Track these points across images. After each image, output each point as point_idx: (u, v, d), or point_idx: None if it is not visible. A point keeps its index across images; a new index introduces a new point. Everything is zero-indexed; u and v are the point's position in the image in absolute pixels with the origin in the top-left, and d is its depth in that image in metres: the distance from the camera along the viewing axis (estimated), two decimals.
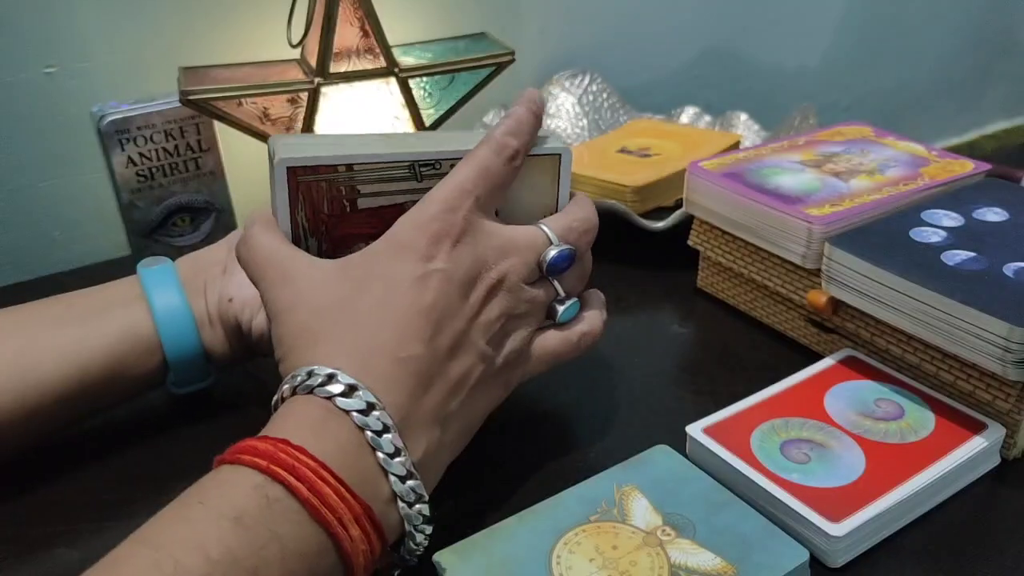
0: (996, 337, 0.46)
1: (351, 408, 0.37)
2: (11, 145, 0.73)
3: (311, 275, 0.42)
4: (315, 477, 0.35)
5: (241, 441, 0.37)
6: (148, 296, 0.50)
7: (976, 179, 0.64)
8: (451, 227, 0.42)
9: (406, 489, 0.38)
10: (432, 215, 0.42)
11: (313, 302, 0.41)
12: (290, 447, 0.35)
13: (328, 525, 0.35)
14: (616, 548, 0.42)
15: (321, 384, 0.38)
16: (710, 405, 0.51)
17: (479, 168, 0.44)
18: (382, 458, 0.37)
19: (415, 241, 0.41)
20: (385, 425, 0.38)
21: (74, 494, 0.49)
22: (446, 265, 0.41)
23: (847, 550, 0.43)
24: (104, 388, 0.49)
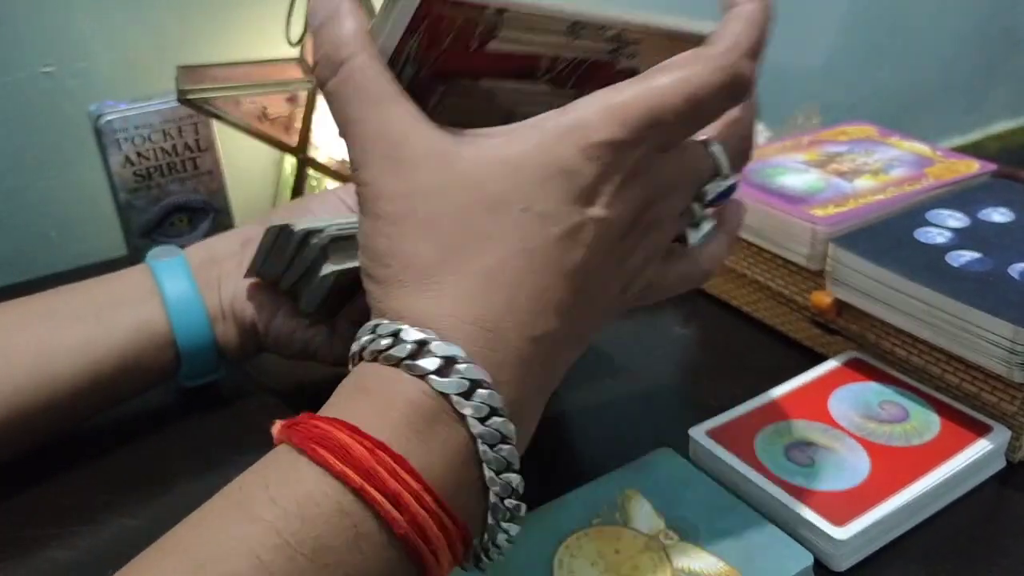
0: (1001, 339, 0.46)
1: (469, 414, 0.30)
2: (8, 145, 0.73)
3: (434, 168, 0.32)
4: (417, 506, 0.28)
5: (322, 420, 0.29)
6: (162, 291, 0.50)
7: (981, 179, 0.63)
8: (625, 163, 0.32)
9: (503, 508, 0.31)
10: (608, 141, 0.31)
11: (435, 221, 0.31)
12: (389, 456, 0.28)
13: (421, 557, 0.29)
14: (619, 552, 0.41)
15: (437, 371, 0.30)
16: (713, 407, 0.51)
17: (690, 97, 0.32)
18: (489, 476, 0.30)
19: (578, 169, 0.31)
20: (504, 436, 0.31)
21: (68, 494, 0.48)
22: (607, 213, 0.32)
23: (851, 554, 0.43)
24: (118, 382, 0.49)
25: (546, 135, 0.32)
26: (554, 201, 0.31)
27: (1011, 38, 1.42)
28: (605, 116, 0.31)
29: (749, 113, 0.38)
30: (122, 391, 0.50)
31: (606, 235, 0.33)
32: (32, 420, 0.46)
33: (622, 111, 0.31)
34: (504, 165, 0.32)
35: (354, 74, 0.32)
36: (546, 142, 0.31)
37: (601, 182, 0.32)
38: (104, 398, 0.50)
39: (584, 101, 0.32)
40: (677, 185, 0.35)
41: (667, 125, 0.32)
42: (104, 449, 0.51)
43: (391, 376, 0.30)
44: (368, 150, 0.32)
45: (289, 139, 0.67)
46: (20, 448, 0.48)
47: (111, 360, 0.48)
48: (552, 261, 0.32)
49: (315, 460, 0.28)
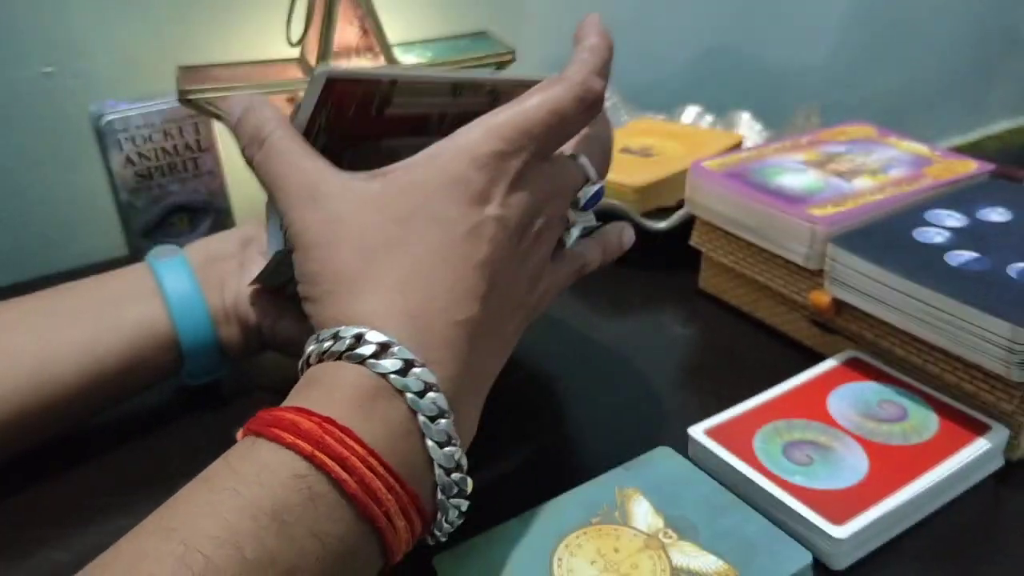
0: (1000, 338, 0.46)
1: (407, 389, 0.34)
2: (8, 144, 0.73)
3: (347, 200, 0.37)
4: (364, 468, 0.31)
5: (275, 410, 0.33)
6: (163, 290, 0.50)
7: (980, 179, 0.63)
8: (509, 169, 0.37)
9: (449, 481, 0.35)
10: (492, 152, 0.37)
11: (354, 239, 0.36)
12: (336, 427, 0.32)
13: (374, 520, 0.32)
14: (618, 551, 0.41)
15: (374, 356, 0.34)
16: (712, 407, 0.51)
17: (553, 111, 0.38)
18: (431, 446, 0.34)
19: (470, 178, 0.37)
20: (440, 409, 0.34)
21: (67, 495, 0.48)
22: (502, 211, 0.37)
23: (850, 553, 0.43)
24: (120, 382, 0.49)
25: (440, 157, 0.37)
26: (455, 206, 0.36)
27: (1010, 38, 1.42)
28: (487, 133, 0.37)
29: (605, 127, 0.45)
30: (124, 390, 0.50)
31: (505, 230, 0.38)
32: (33, 420, 0.46)
33: (500, 128, 0.37)
34: (409, 185, 0.37)
35: (275, 144, 0.39)
36: (441, 161, 0.37)
37: (492, 186, 0.37)
38: (106, 397, 0.50)
39: (469, 126, 0.38)
40: (556, 192, 0.41)
41: (538, 135, 0.38)
42: (104, 449, 0.51)
43: (334, 367, 0.34)
44: (291, 196, 0.38)
45: None
46: (21, 447, 0.48)
47: (113, 360, 0.48)
48: (463, 255, 0.36)
49: (269, 437, 0.32)
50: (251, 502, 0.30)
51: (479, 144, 0.37)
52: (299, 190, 0.38)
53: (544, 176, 0.40)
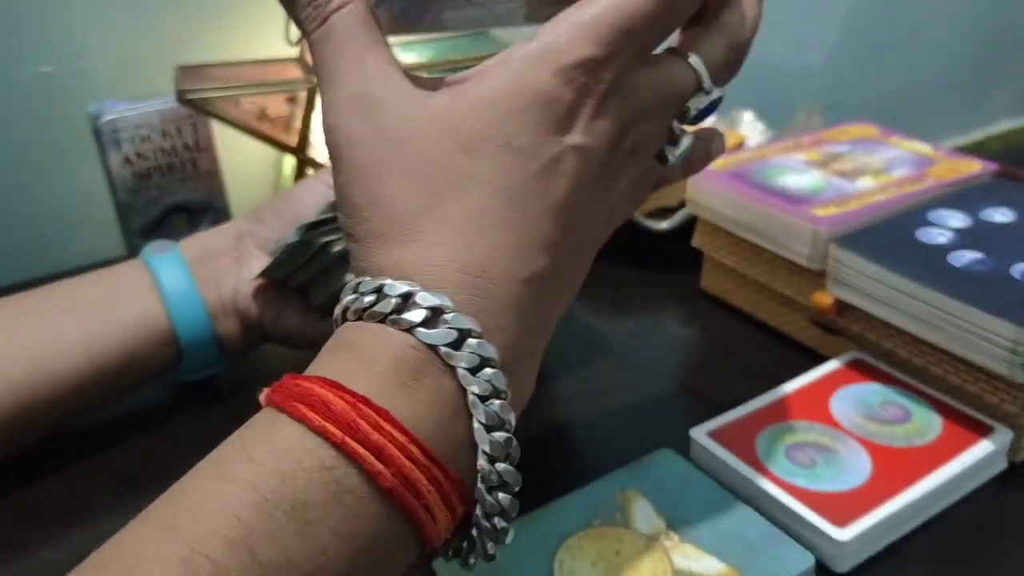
0: (1003, 339, 0.45)
1: (458, 364, 0.29)
2: (7, 145, 0.73)
3: (408, 113, 0.31)
4: (403, 457, 0.27)
5: (306, 378, 0.29)
6: (160, 287, 0.50)
7: (983, 179, 0.63)
8: (600, 82, 0.31)
9: (492, 471, 0.29)
10: (582, 60, 0.30)
11: (412, 166, 0.30)
12: (372, 410, 0.27)
13: (413, 513, 0.28)
14: (619, 553, 0.41)
15: (423, 323, 0.29)
16: (714, 408, 0.51)
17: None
18: (477, 428, 0.29)
19: (553, 96, 0.30)
20: (496, 390, 0.29)
21: (65, 494, 0.48)
22: (585, 140, 0.31)
23: (853, 555, 0.42)
24: (118, 378, 0.49)
25: (516, 66, 0.31)
26: (531, 133, 0.30)
27: (1013, 38, 1.42)
28: (575, 35, 0.30)
29: (735, 18, 0.35)
30: (121, 387, 0.50)
31: (587, 163, 0.32)
32: (30, 417, 0.46)
33: (592, 27, 0.30)
34: (478, 103, 0.31)
35: (338, 22, 0.32)
36: (517, 73, 0.31)
37: (578, 106, 0.31)
38: (104, 394, 0.49)
39: (551, 24, 0.31)
40: (657, 103, 0.33)
41: (639, 32, 0.31)
42: (102, 448, 0.51)
43: (375, 332, 0.29)
44: (340, 95, 0.31)
45: (288, 139, 0.67)
46: (19, 445, 0.47)
47: (111, 356, 0.48)
48: (535, 197, 0.31)
49: (294, 417, 0.27)
50: (268, 498, 0.26)
51: (565, 50, 0.30)
52: (349, 86, 0.31)
53: (643, 86, 0.33)
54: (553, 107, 0.30)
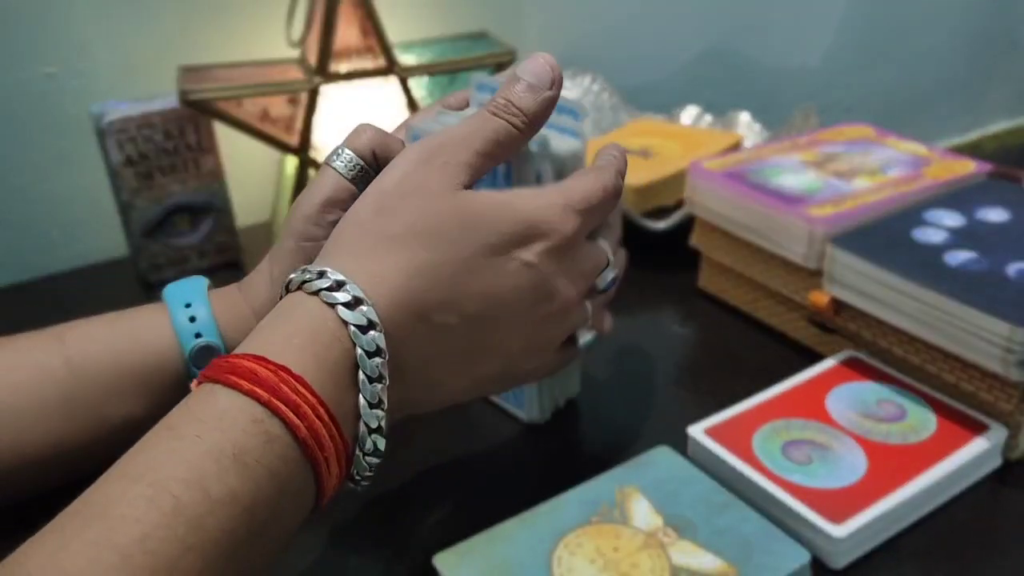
0: (998, 338, 0.46)
1: (360, 345, 0.36)
2: (11, 145, 0.73)
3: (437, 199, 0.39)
4: (313, 415, 0.33)
5: (233, 356, 0.35)
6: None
7: (978, 179, 0.64)
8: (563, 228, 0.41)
9: (369, 441, 0.36)
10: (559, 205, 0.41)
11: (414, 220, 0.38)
12: (290, 376, 0.34)
13: (316, 463, 0.34)
14: (617, 550, 0.41)
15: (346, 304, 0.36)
16: (711, 406, 0.51)
17: (603, 190, 0.43)
18: (362, 403, 0.36)
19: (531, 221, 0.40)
20: (379, 348, 0.36)
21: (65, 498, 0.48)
22: (533, 260, 0.40)
23: (849, 551, 0.43)
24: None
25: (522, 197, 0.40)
26: (499, 238, 0.39)
27: (1008, 39, 1.43)
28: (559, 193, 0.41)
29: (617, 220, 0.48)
30: None
31: (527, 282, 0.40)
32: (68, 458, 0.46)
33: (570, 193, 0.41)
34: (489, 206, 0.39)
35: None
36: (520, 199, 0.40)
37: (540, 237, 0.40)
38: None
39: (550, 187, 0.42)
40: (586, 271, 0.43)
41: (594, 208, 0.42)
42: None
43: (306, 303, 0.36)
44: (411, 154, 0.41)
45: (290, 139, 0.68)
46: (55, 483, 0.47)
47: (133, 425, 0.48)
48: (479, 279, 0.38)
49: (228, 385, 0.33)
50: (214, 446, 0.32)
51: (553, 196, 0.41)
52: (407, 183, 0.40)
53: (582, 253, 0.43)
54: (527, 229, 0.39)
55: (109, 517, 0.30)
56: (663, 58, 1.08)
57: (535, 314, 0.41)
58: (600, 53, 1.01)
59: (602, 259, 0.45)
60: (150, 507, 0.30)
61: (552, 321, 0.42)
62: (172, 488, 0.30)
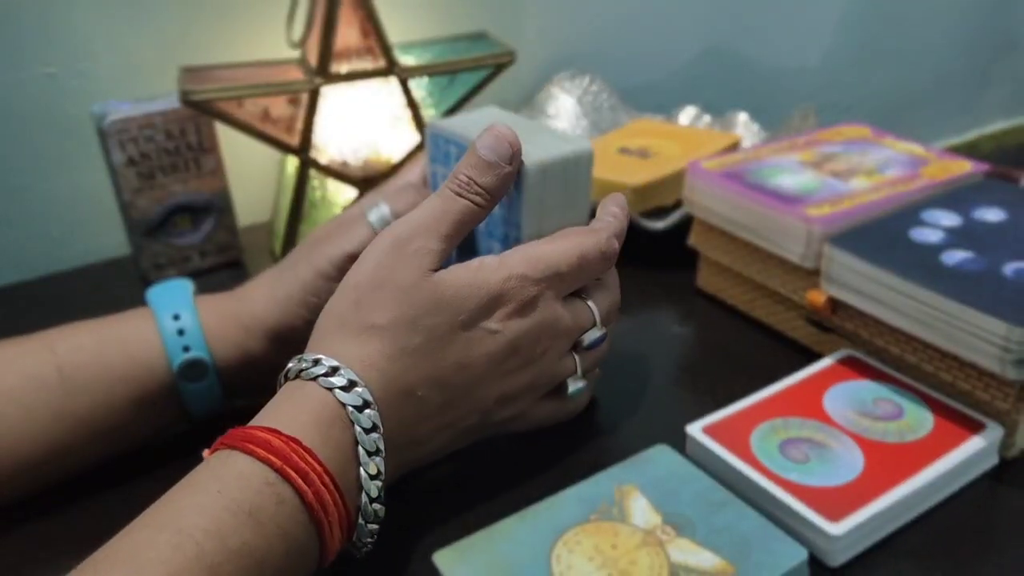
0: (995, 337, 0.46)
1: (358, 423, 0.39)
2: (12, 145, 0.73)
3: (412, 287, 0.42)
4: (320, 484, 0.37)
5: (250, 428, 0.38)
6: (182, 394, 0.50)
7: (975, 179, 0.64)
8: (525, 295, 0.44)
9: (371, 510, 0.40)
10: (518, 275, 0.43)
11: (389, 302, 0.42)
12: (300, 447, 0.37)
13: (321, 527, 0.37)
14: (616, 547, 0.42)
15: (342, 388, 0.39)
16: (709, 405, 0.52)
17: (581, 255, 0.45)
18: (363, 476, 0.39)
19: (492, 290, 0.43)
20: (378, 448, 0.40)
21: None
22: (498, 328, 0.43)
23: (846, 549, 0.43)
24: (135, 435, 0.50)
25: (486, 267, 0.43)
26: (467, 311, 0.42)
27: (1005, 39, 1.43)
28: (522, 259, 0.44)
29: (615, 283, 0.50)
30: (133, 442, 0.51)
31: (494, 346, 0.43)
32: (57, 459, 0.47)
33: (534, 258, 0.44)
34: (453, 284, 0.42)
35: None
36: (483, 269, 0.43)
37: (502, 304, 0.43)
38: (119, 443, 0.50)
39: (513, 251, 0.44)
40: (562, 329, 0.46)
41: (563, 273, 0.45)
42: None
43: (306, 388, 0.40)
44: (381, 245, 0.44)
45: (291, 140, 0.68)
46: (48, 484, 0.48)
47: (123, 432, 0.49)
48: (451, 353, 0.42)
49: (244, 451, 0.37)
50: (232, 502, 0.35)
51: (514, 265, 0.44)
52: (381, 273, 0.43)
53: (556, 312, 0.45)
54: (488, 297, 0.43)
55: (137, 562, 0.32)
56: (662, 58, 1.08)
57: (503, 368, 0.44)
58: (599, 53, 1.01)
59: (583, 317, 0.47)
60: (176, 552, 0.32)
61: (522, 372, 0.45)
62: (195, 536, 0.33)
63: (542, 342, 0.45)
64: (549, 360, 0.46)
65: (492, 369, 0.44)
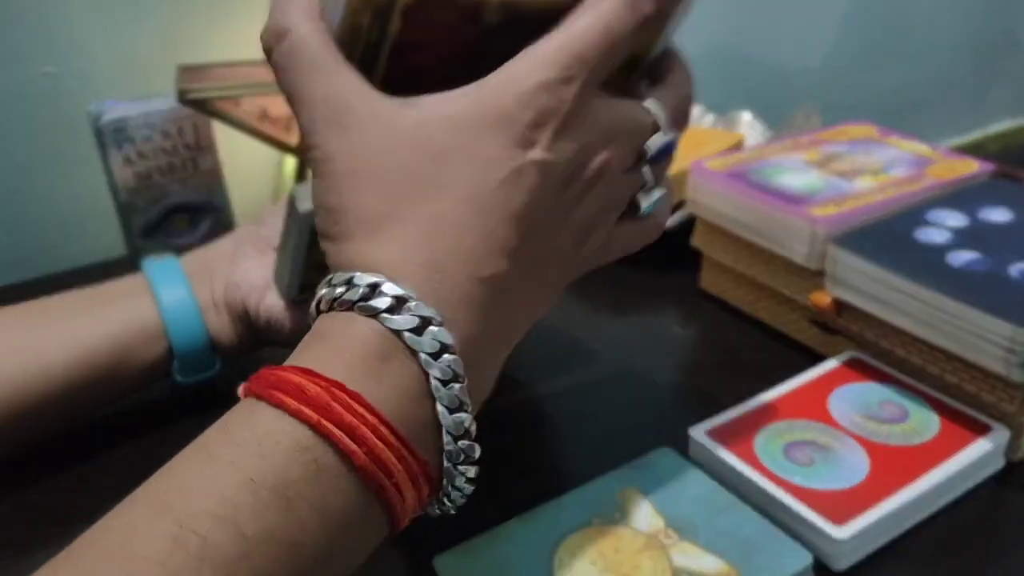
0: (1001, 339, 0.46)
1: (422, 349, 0.31)
2: (9, 145, 0.73)
3: (378, 128, 0.33)
4: (374, 437, 0.29)
5: (281, 368, 0.31)
6: (152, 285, 0.51)
7: (981, 179, 0.63)
8: (560, 104, 0.33)
9: (457, 448, 0.32)
10: (541, 83, 0.33)
11: (381, 175, 0.33)
12: (345, 393, 0.29)
13: (383, 491, 0.30)
14: (618, 551, 0.41)
15: (388, 309, 0.31)
16: (713, 407, 0.51)
17: (604, 29, 0.33)
18: (441, 411, 0.32)
19: (515, 115, 0.33)
20: (455, 373, 0.32)
21: (68, 494, 0.49)
22: (547, 156, 0.33)
23: (851, 553, 0.43)
24: (110, 376, 0.50)
25: (483, 91, 0.33)
26: (494, 147, 0.33)
27: (1010, 38, 1.43)
28: (532, 63, 0.33)
29: (684, 78, 0.40)
30: (115, 386, 0.51)
31: (549, 178, 0.34)
32: (27, 414, 0.47)
33: (547, 55, 0.33)
34: (445, 120, 0.33)
35: (297, 43, 0.34)
36: (483, 96, 0.33)
37: (538, 125, 0.33)
38: (98, 393, 0.50)
39: (515, 58, 0.33)
40: (617, 133, 0.36)
41: (591, 59, 0.33)
42: (104, 449, 0.52)
43: (345, 319, 0.32)
44: (315, 116, 0.34)
45: (289, 139, 0.67)
46: (16, 444, 0.48)
47: (102, 352, 0.49)
48: (497, 205, 0.33)
49: (272, 402, 0.29)
50: (251, 476, 0.28)
51: (525, 76, 0.33)
52: (325, 109, 0.34)
53: (603, 115, 0.35)
54: (514, 126, 0.33)
55: (131, 558, 0.27)
56: None
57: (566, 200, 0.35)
58: None
59: (639, 119, 0.37)
60: (175, 548, 0.26)
61: (588, 198, 0.36)
62: (200, 525, 0.27)
63: (599, 153, 0.35)
64: (613, 175, 0.36)
65: (553, 205, 0.35)
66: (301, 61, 0.34)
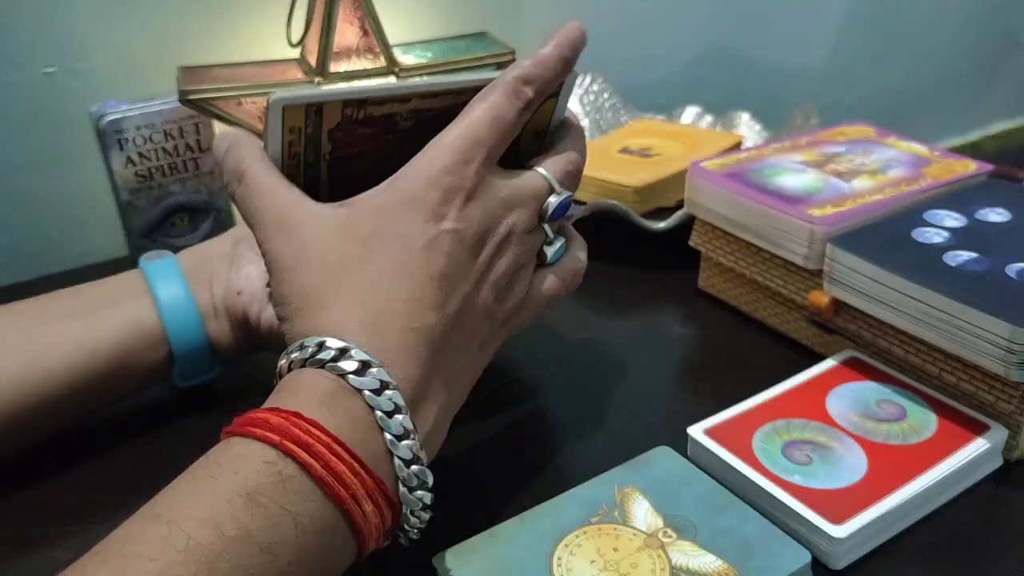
0: (999, 338, 0.46)
1: (364, 387, 0.36)
2: (9, 145, 0.73)
3: (314, 226, 0.40)
4: (329, 453, 0.34)
5: (250, 412, 0.36)
6: (152, 289, 0.51)
7: (979, 179, 0.64)
8: (463, 181, 0.40)
9: (409, 474, 0.37)
10: (444, 167, 0.39)
11: (320, 261, 0.39)
12: (303, 420, 0.34)
13: (342, 502, 0.34)
14: (617, 550, 0.41)
15: (333, 360, 0.36)
16: (711, 406, 0.51)
17: (494, 116, 0.41)
18: (389, 439, 0.36)
19: (426, 196, 0.39)
20: (396, 406, 0.36)
21: (68, 494, 0.49)
22: (457, 225, 0.39)
23: (849, 552, 0.43)
24: (111, 380, 0.50)
25: (398, 182, 0.40)
26: (411, 224, 0.39)
27: (1009, 39, 1.43)
28: (436, 152, 0.40)
29: (576, 142, 0.46)
30: (116, 389, 0.51)
31: (461, 242, 0.40)
32: (27, 416, 0.47)
33: (448, 144, 0.40)
34: (371, 209, 0.40)
35: (251, 178, 0.41)
36: (398, 187, 0.40)
37: (446, 201, 0.39)
38: (98, 396, 0.50)
39: (423, 150, 0.41)
40: (517, 199, 0.42)
41: (485, 141, 0.40)
42: (104, 449, 0.52)
43: (300, 372, 0.37)
44: (266, 228, 0.41)
45: None
46: (16, 446, 0.48)
47: (103, 356, 0.49)
48: (419, 268, 0.39)
49: (243, 434, 0.35)
50: (226, 486, 0.33)
51: (431, 163, 0.40)
52: (272, 220, 0.40)
53: (503, 185, 0.42)
54: (425, 204, 0.39)
55: (125, 556, 0.31)
56: (663, 58, 1.08)
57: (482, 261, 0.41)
58: (600, 53, 1.01)
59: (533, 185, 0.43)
60: (165, 545, 0.31)
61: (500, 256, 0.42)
62: (186, 526, 0.31)
63: (504, 218, 0.42)
64: (519, 236, 0.42)
65: (470, 265, 0.41)
66: (256, 191, 0.41)
